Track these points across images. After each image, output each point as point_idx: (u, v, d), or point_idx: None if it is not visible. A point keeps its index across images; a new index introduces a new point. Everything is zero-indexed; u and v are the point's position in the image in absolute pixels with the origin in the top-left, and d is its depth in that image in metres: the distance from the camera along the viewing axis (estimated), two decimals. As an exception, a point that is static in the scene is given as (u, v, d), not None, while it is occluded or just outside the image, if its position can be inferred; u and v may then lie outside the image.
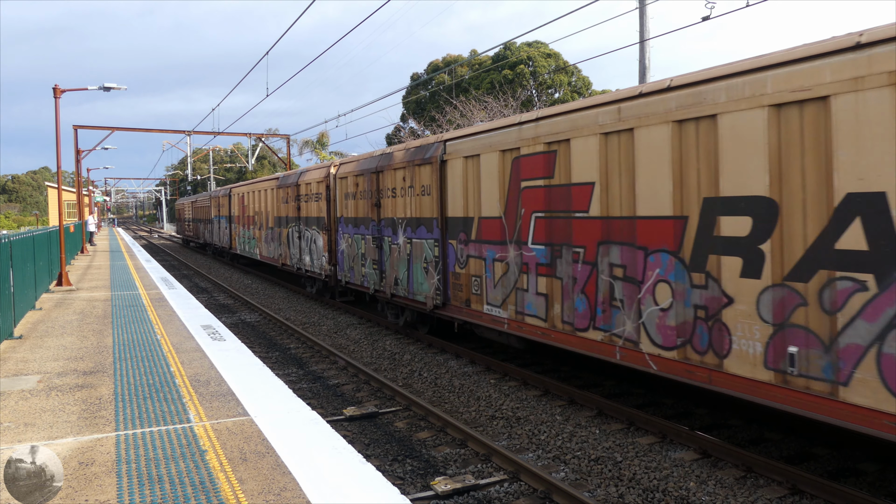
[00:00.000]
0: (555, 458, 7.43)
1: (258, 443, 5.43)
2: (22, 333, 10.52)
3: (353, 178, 15.51)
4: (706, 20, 12.83)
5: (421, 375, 11.07)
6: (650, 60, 15.26)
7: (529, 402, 9.31)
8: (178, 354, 8.78)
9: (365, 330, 15.07)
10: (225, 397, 6.75)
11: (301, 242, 19.75)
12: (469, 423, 8.61)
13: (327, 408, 9.49)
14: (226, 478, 4.72)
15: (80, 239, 30.82)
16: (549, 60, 40.53)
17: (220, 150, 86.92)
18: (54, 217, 59.57)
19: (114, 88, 21.23)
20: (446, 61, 46.30)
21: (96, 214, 57.49)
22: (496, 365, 10.99)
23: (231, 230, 31.04)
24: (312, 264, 18.78)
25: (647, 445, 7.59)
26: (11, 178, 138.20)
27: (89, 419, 6.10)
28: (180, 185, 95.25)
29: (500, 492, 6.62)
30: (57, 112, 18.77)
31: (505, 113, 30.84)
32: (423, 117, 43.18)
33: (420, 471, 7.20)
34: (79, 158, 35.15)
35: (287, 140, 38.90)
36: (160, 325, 11.02)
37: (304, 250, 19.53)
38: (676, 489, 6.50)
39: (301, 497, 4.39)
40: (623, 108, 7.67)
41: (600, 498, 6.43)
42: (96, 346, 9.46)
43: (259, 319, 17.30)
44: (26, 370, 8.10)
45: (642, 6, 15.12)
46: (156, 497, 4.41)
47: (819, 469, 6.86)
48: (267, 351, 13.34)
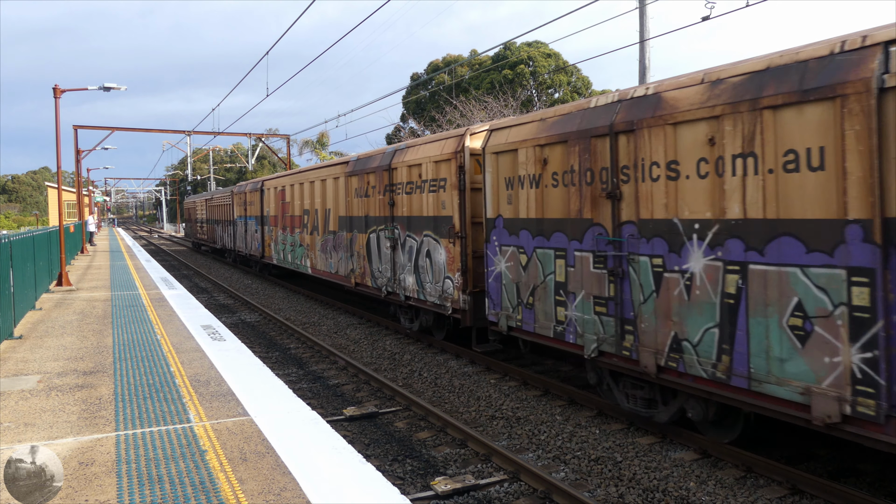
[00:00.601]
0: (555, 458, 7.43)
1: (258, 443, 5.43)
2: (22, 333, 10.52)
3: (532, 151, 9.06)
4: (706, 20, 12.83)
5: (421, 375, 11.07)
6: (650, 60, 15.25)
7: (529, 402, 9.31)
8: (178, 354, 8.77)
9: (365, 330, 15.06)
10: (225, 397, 6.75)
11: (398, 254, 13.40)
12: (469, 423, 8.61)
13: (327, 408, 9.49)
14: (226, 478, 4.72)
15: (80, 239, 30.82)
16: (549, 60, 40.54)
17: (220, 151, 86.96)
18: (54, 217, 59.57)
19: (114, 88, 21.23)
20: (446, 61, 46.30)
21: (96, 214, 57.51)
22: (496, 365, 10.99)
23: (263, 234, 24.82)
24: (422, 289, 12.45)
25: (647, 445, 7.59)
26: (11, 178, 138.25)
27: (89, 419, 6.10)
28: (180, 185, 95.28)
29: (500, 492, 6.62)
30: (57, 112, 18.77)
31: (504, 113, 30.83)
32: (423, 117, 43.20)
33: (420, 471, 7.20)
34: (79, 158, 35.15)
35: (287, 140, 38.94)
36: (160, 325, 11.02)
37: (403, 266, 13.20)
38: (676, 489, 6.50)
39: (301, 497, 4.39)
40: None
41: (600, 498, 6.43)
42: (96, 346, 9.46)
43: (259, 319, 17.29)
44: (26, 370, 8.10)
45: (642, 6, 15.12)
46: (156, 497, 4.41)
47: (819, 469, 6.86)
48: (267, 351, 13.34)
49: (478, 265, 11.08)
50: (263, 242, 24.88)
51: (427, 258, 12.23)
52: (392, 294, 13.76)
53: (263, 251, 24.91)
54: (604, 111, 7.92)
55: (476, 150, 11.10)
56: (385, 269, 13.99)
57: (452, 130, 13.36)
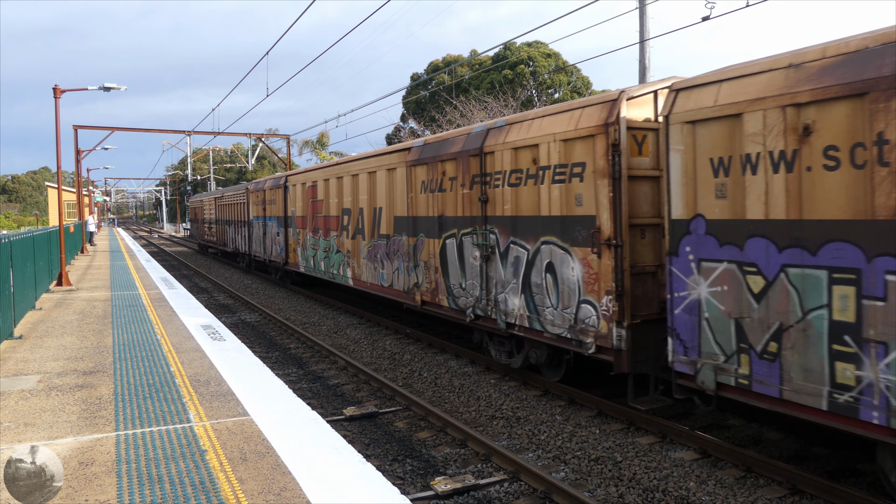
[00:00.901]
0: (555, 458, 7.43)
1: (258, 443, 5.43)
2: (22, 333, 10.52)
3: (776, 115, 6.09)
4: (706, 20, 12.84)
5: (421, 375, 11.07)
6: (650, 60, 15.26)
7: (529, 402, 9.31)
8: (178, 354, 8.78)
9: (365, 330, 15.06)
10: (225, 397, 6.75)
11: (493, 267, 10.12)
12: (469, 423, 8.61)
13: (327, 408, 9.49)
14: (226, 478, 4.72)
15: (79, 239, 30.82)
16: (549, 60, 40.55)
17: (220, 151, 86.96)
18: (54, 217, 59.59)
19: (114, 88, 21.24)
20: (446, 61, 46.32)
21: (96, 214, 57.52)
22: (496, 365, 10.99)
23: (287, 237, 21.71)
24: (536, 315, 9.25)
25: (647, 445, 7.59)
26: (11, 178, 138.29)
27: (89, 419, 6.10)
28: (180, 185, 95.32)
29: (500, 492, 6.62)
30: (57, 112, 18.77)
31: (504, 113, 30.85)
32: (423, 117, 43.21)
33: (420, 471, 7.20)
34: (79, 158, 35.16)
35: (287, 140, 38.94)
36: (160, 325, 11.02)
37: (503, 283, 9.91)
38: (676, 489, 6.50)
39: (301, 497, 4.39)
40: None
41: (600, 498, 6.43)
42: (96, 346, 9.46)
43: (259, 319, 17.29)
44: (26, 370, 8.10)
45: (642, 6, 15.12)
46: (156, 497, 4.41)
47: (819, 469, 6.86)
48: (267, 351, 13.34)
49: (637, 286, 8.12)
50: (287, 247, 21.77)
51: (547, 274, 8.97)
52: (482, 319, 10.49)
53: (287, 257, 21.84)
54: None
55: (636, 121, 8.14)
56: (471, 285, 10.69)
57: (595, 96, 9.46)
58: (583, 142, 8.34)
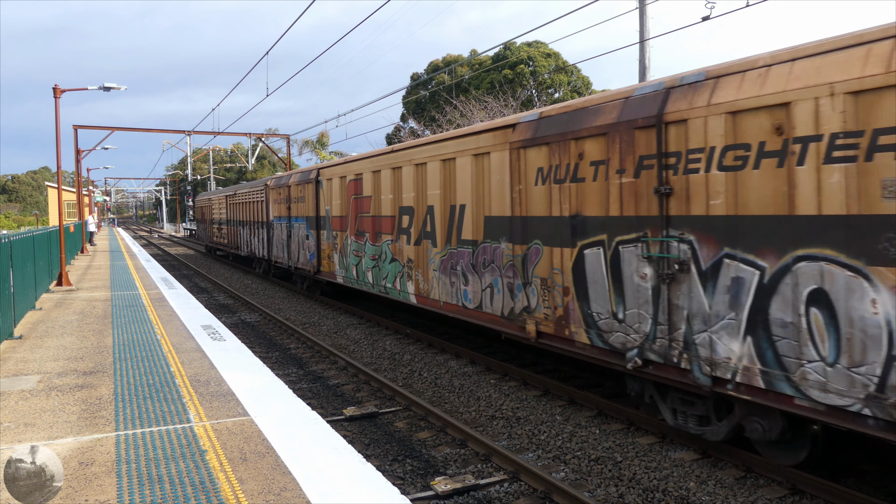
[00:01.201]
0: (555, 458, 7.43)
1: (258, 443, 5.43)
2: (22, 333, 10.52)
3: None
4: (706, 20, 12.84)
5: (421, 375, 11.07)
6: (650, 60, 15.26)
7: (529, 402, 9.31)
8: (178, 354, 8.78)
9: (365, 330, 15.06)
10: (225, 397, 6.75)
11: (679, 292, 6.94)
12: (469, 423, 8.61)
13: (327, 408, 9.49)
14: (226, 478, 4.72)
15: (79, 239, 30.83)
16: (548, 60, 40.55)
17: (220, 150, 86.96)
18: (54, 217, 59.60)
19: (114, 88, 21.24)
20: (446, 61, 46.32)
21: (96, 214, 57.53)
22: (496, 365, 10.99)
23: (320, 241, 18.50)
24: (782, 370, 5.96)
25: (647, 445, 7.59)
26: (11, 178, 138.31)
27: (89, 419, 6.10)
28: (180, 185, 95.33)
29: (500, 492, 6.62)
30: (57, 112, 18.77)
31: (504, 113, 30.85)
32: (423, 117, 43.22)
33: (420, 471, 7.20)
34: (79, 158, 35.16)
35: (287, 140, 38.91)
36: (160, 325, 11.02)
37: (702, 317, 6.70)
38: (676, 489, 6.50)
39: (301, 497, 4.39)
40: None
41: (600, 498, 6.43)
42: (96, 346, 9.46)
43: (259, 319, 17.29)
44: (26, 370, 8.10)
45: (642, 6, 15.12)
46: (156, 497, 4.41)
47: (819, 469, 6.86)
48: (267, 351, 13.34)
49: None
50: (319, 253, 18.56)
51: (811, 308, 5.73)
52: (656, 366, 7.30)
53: (319, 264, 18.62)
54: None
55: None
56: (635, 315, 7.50)
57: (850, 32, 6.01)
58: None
